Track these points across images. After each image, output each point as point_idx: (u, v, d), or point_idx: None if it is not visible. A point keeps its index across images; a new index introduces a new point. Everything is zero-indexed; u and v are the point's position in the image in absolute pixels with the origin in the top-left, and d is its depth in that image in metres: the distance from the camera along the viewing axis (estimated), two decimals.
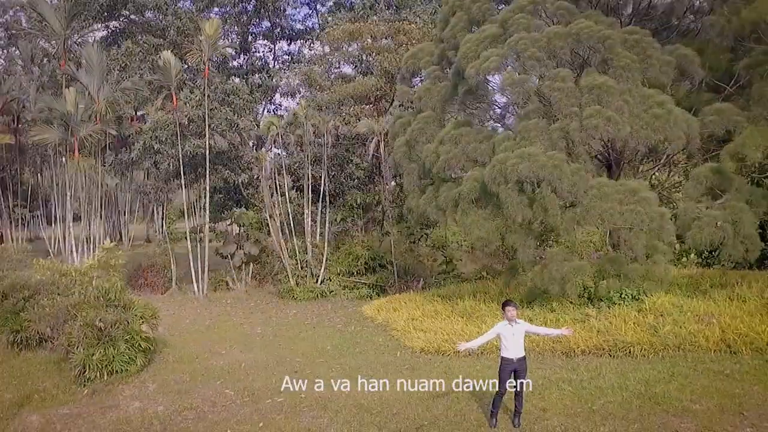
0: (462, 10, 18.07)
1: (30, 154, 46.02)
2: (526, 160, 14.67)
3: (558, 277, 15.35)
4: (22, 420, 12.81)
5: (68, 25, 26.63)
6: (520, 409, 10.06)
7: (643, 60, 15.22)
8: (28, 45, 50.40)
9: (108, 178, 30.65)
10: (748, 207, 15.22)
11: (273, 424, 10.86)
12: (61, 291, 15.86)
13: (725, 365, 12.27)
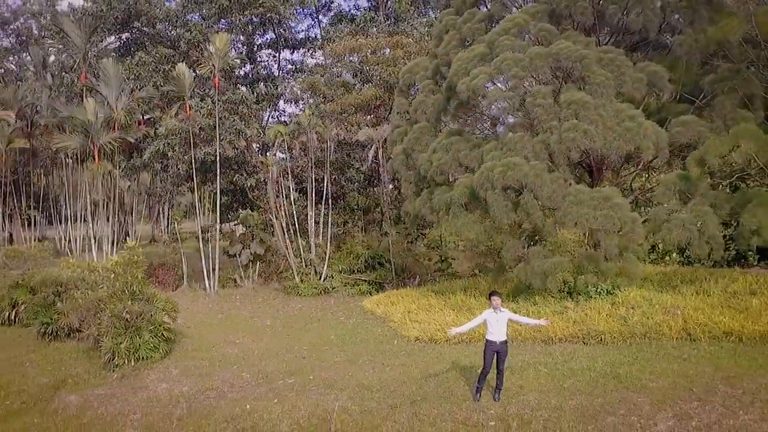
0: (454, 29, 19.60)
1: (41, 157, 47.51)
2: (510, 169, 16.22)
3: (540, 273, 16.86)
4: (62, 399, 14.37)
5: (88, 40, 28.11)
6: (501, 385, 11.61)
7: (617, 77, 16.71)
8: (39, 51, 51.96)
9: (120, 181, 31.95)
10: (712, 210, 16.74)
11: (286, 400, 12.39)
12: (90, 286, 17.33)
13: (684, 351, 13.81)
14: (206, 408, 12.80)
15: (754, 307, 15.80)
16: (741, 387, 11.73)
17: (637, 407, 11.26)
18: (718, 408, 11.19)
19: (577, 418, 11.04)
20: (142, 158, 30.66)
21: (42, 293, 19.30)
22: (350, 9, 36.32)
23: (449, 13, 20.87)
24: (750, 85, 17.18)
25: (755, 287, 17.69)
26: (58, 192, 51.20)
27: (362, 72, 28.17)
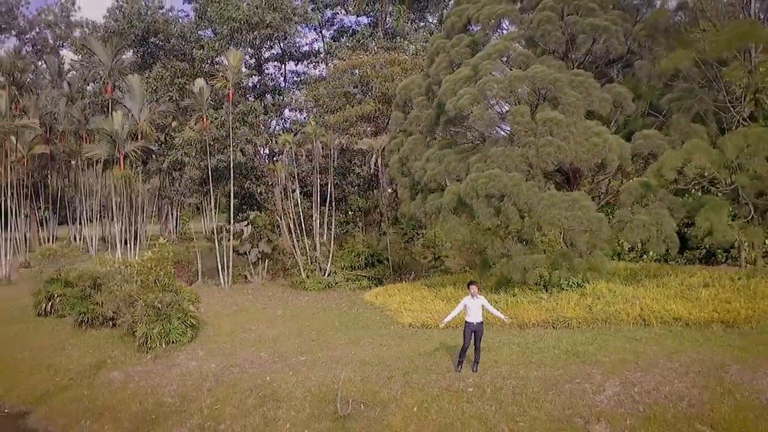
0: (444, 52, 21.84)
1: (58, 162, 49.75)
2: (492, 180, 18.47)
3: (520, 268, 19.11)
4: (106, 375, 16.65)
5: (114, 58, 30.31)
6: (478, 360, 13.88)
7: (586, 97, 18.95)
8: (55, 61, 54.25)
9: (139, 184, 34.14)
10: (668, 213, 19.01)
11: (299, 373, 14.65)
12: (125, 279, 19.56)
13: (637, 333, 16.07)
14: (231, 380, 15.07)
15: (703, 297, 18.09)
16: (679, 361, 13.99)
17: (591, 377, 13.53)
18: (657, 377, 13.46)
19: (541, 385, 13.30)
20: (157, 163, 32.88)
21: (79, 286, 21.54)
22: (351, 24, 38.26)
23: (440, 36, 23.18)
24: (702, 102, 19.47)
25: (709, 281, 20.00)
26: (72, 194, 53.43)
27: (363, 84, 30.31)
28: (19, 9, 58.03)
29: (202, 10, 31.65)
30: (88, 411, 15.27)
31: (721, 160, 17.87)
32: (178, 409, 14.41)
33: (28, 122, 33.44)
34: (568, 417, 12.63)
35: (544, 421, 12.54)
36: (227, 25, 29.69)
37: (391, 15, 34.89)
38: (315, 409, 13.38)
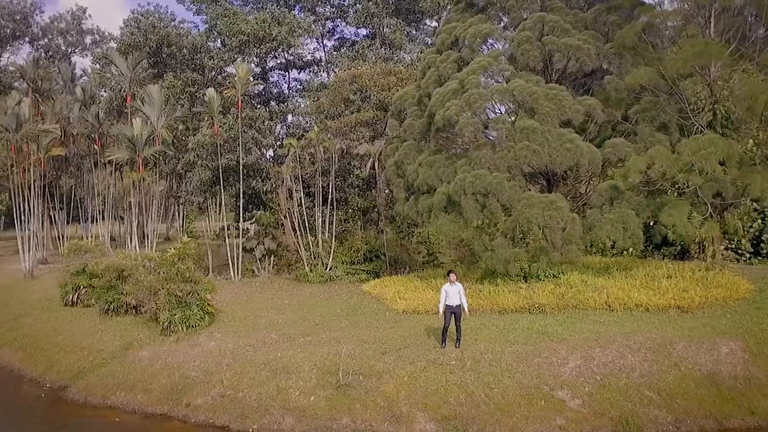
0: (434, 67, 23.87)
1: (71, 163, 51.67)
2: (478, 179, 20.53)
3: (503, 260, 21.15)
4: (135, 354, 18.71)
5: (134, 70, 32.31)
6: (460, 337, 15.95)
7: (560, 108, 21.01)
8: (68, 67, 56.18)
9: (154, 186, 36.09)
10: (634, 213, 21.05)
11: (306, 350, 16.71)
12: (149, 271, 21.60)
13: (601, 317, 18.13)
14: (247, 357, 17.12)
15: (664, 287, 20.14)
16: (634, 339, 16.07)
17: (557, 352, 15.60)
18: (613, 352, 15.55)
19: (514, 359, 15.37)
20: (170, 165, 34.88)
21: (106, 278, 23.57)
22: (351, 35, 40.29)
23: (431, 52, 25.22)
24: (665, 113, 21.54)
25: (672, 273, 22.02)
26: (83, 194, 55.38)
27: (362, 92, 32.27)
28: (33, 17, 60.03)
29: (212, 23, 33.64)
30: (122, 384, 17.32)
31: (680, 164, 19.96)
32: (201, 381, 16.47)
33: (50, 127, 35.41)
34: (536, 385, 14.70)
35: (515, 389, 14.62)
36: (236, 38, 31.70)
37: (389, 27, 36.91)
38: (320, 379, 15.44)
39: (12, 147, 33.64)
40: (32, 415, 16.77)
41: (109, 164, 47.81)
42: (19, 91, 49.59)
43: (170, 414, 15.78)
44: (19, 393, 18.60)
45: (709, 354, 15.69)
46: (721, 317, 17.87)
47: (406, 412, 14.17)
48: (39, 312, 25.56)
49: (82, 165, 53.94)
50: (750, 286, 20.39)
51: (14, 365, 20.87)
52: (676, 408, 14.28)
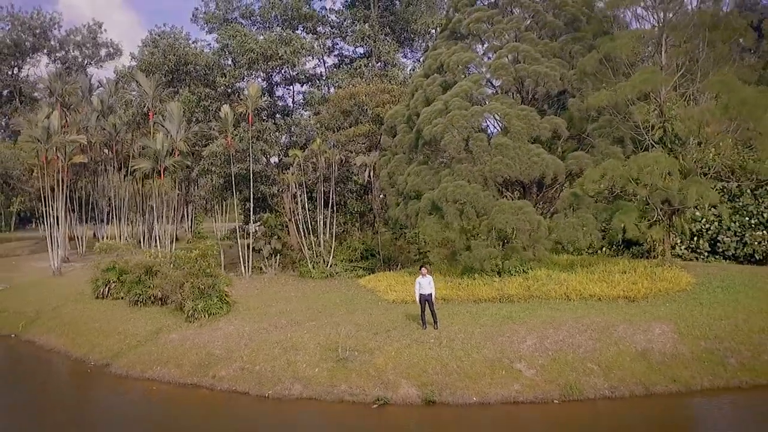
0: (422, 89, 26.93)
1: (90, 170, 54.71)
2: (458, 189, 23.60)
3: (479, 258, 24.22)
4: (166, 337, 21.76)
5: (155, 88, 35.28)
6: (436, 320, 19.04)
7: (529, 126, 24.09)
8: (85, 78, 59.18)
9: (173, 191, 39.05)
10: (593, 217, 24.11)
11: (311, 332, 19.78)
12: (175, 267, 24.66)
13: (559, 305, 21.16)
14: (261, 338, 20.18)
15: (616, 280, 23.18)
16: (582, 322, 19.14)
17: (518, 332, 18.67)
18: (564, 333, 18.61)
19: (482, 338, 18.43)
20: (185, 172, 37.85)
21: (135, 273, 26.62)
22: (349, 53, 43.30)
23: (419, 75, 28.32)
24: (619, 130, 24.59)
25: (627, 269, 25.01)
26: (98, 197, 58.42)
27: (359, 107, 35.27)
28: (51, 31, 63.08)
29: (224, 43, 36.64)
30: (157, 361, 20.37)
31: (629, 177, 23.02)
32: (224, 357, 19.52)
33: (77, 138, 38.42)
34: (498, 358, 17.77)
35: (482, 361, 17.68)
36: (246, 56, 34.72)
37: (384, 46, 39.92)
38: (323, 354, 18.51)
39: (43, 156, 36.61)
40: (84, 385, 19.85)
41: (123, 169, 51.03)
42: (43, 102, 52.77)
43: (199, 384, 18.83)
44: (69, 369, 21.69)
45: (644, 334, 18.75)
46: (660, 305, 20.93)
47: (392, 380, 17.24)
48: (74, 304, 28.57)
49: (98, 170, 57.04)
50: (692, 279, 23.49)
51: (60, 348, 23.92)
52: (612, 377, 17.32)
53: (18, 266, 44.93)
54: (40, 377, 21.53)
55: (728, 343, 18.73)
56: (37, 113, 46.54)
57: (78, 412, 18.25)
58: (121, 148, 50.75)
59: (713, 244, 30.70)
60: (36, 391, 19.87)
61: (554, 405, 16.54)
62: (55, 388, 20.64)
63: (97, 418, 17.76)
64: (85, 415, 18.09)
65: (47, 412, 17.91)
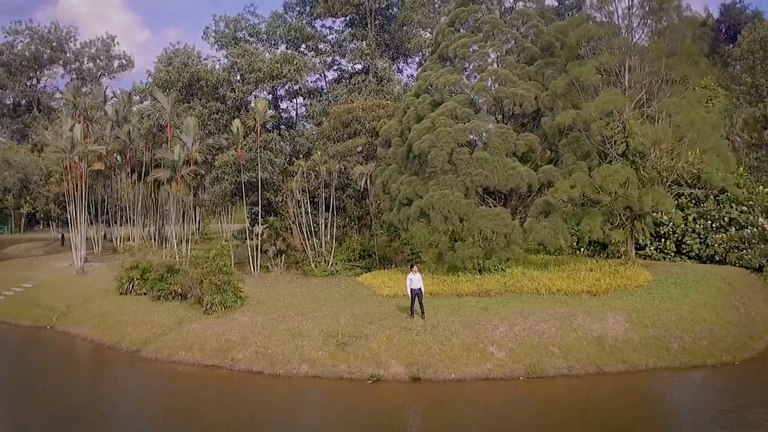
0: (413, 107, 29.79)
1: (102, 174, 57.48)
2: (443, 198, 26.47)
3: (462, 258, 27.10)
4: (188, 327, 24.60)
5: (173, 105, 38.10)
6: (423, 311, 21.90)
7: (506, 143, 26.95)
8: (100, 90, 62.06)
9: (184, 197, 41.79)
10: (563, 221, 26.97)
11: (315, 321, 22.64)
12: (195, 266, 27.51)
13: (530, 299, 24.00)
14: (272, 326, 23.03)
15: (582, 277, 26.04)
16: (547, 313, 22.01)
17: (492, 321, 21.55)
18: (531, 322, 21.48)
19: (461, 325, 21.28)
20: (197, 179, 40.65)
21: (158, 271, 29.46)
22: (348, 68, 46.19)
23: (410, 95, 31.18)
24: (586, 145, 27.42)
25: (594, 267, 27.86)
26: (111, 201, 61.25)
27: (357, 120, 38.08)
28: (68, 44, 65.96)
29: (233, 61, 39.49)
30: (182, 346, 23.23)
31: (593, 186, 25.90)
32: (241, 343, 22.39)
33: (98, 148, 41.23)
34: (474, 343, 20.64)
35: (460, 346, 20.55)
36: (254, 75, 37.59)
37: (381, 61, 42.80)
38: (325, 340, 21.39)
39: (67, 164, 39.44)
40: (121, 367, 22.72)
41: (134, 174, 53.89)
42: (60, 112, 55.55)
43: (219, 365, 21.71)
44: (104, 354, 24.56)
45: (600, 323, 21.64)
46: (617, 299, 23.82)
47: (384, 361, 20.13)
48: (101, 299, 31.40)
49: (111, 176, 59.86)
50: (649, 276, 26.39)
51: (93, 337, 26.78)
52: (570, 358, 20.21)
53: (39, 266, 47.57)
54: (81, 361, 24.46)
55: (673, 330, 21.65)
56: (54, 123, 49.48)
57: (122, 385, 21.32)
58: (134, 155, 53.54)
59: (679, 245, 33.56)
60: (82, 372, 22.87)
61: (520, 381, 19.45)
62: (97, 369, 23.56)
63: (138, 391, 20.71)
64: (128, 388, 21.07)
65: (97, 385, 20.84)
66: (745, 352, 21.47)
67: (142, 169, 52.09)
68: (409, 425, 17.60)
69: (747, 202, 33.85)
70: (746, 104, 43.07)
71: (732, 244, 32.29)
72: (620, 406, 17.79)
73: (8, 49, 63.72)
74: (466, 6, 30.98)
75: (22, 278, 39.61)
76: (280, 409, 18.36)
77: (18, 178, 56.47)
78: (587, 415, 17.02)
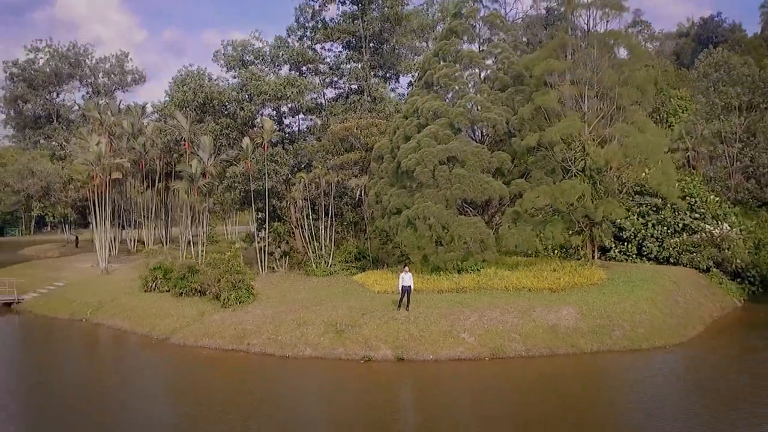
0: (402, 128, 33.62)
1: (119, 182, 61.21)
2: (427, 209, 30.30)
3: (444, 260, 30.93)
4: (209, 318, 28.41)
5: (191, 124, 41.84)
6: (408, 304, 25.70)
7: (480, 161, 30.78)
8: (115, 103, 65.74)
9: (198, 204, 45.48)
10: (530, 228, 30.80)
11: (317, 313, 26.44)
12: (213, 266, 31.30)
13: (498, 294, 27.77)
14: (281, 317, 26.83)
15: (545, 276, 29.86)
16: (511, 306, 25.86)
17: (464, 313, 25.36)
18: (497, 313, 25.31)
19: (439, 316, 25.08)
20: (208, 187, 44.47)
21: (180, 271, 33.24)
22: (345, 87, 50.01)
23: (400, 116, 35.01)
24: (550, 162, 31.28)
25: (557, 268, 31.62)
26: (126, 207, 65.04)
27: (353, 137, 41.86)
28: (85, 60, 69.64)
29: (243, 83, 43.31)
30: (205, 334, 27.01)
31: (555, 197, 29.76)
32: (255, 331, 26.18)
33: (121, 161, 45.01)
34: (449, 330, 24.45)
35: (438, 333, 24.36)
36: (261, 97, 41.43)
37: (374, 83, 46.63)
38: (326, 328, 25.20)
39: (94, 176, 43.20)
40: (154, 351, 26.52)
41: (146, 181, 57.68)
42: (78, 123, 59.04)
43: (237, 349, 25.51)
44: (139, 342, 28.35)
45: (554, 314, 25.48)
46: (573, 294, 27.64)
47: (375, 344, 23.96)
48: (128, 296, 35.13)
49: (125, 183, 63.61)
50: (603, 276, 30.23)
51: (126, 327, 30.54)
52: (528, 343, 24.04)
53: (63, 267, 51.21)
54: (121, 345, 28.25)
55: (616, 320, 25.51)
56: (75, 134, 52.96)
57: (158, 365, 25.06)
58: (146, 164, 57.24)
59: (640, 248, 37.39)
60: (124, 353, 26.67)
61: (486, 361, 23.29)
62: (135, 352, 27.34)
63: (172, 369, 24.49)
64: (164, 367, 24.88)
65: (140, 364, 24.63)
66: (677, 338, 25.36)
67: (156, 177, 55.91)
68: (394, 393, 21.45)
69: (699, 210, 37.75)
70: (704, 120, 46.97)
71: (684, 248, 36.10)
72: (567, 380, 21.62)
73: (30, 66, 67.45)
74: (449, 39, 34.88)
75: (52, 278, 43.28)
76: (290, 383, 22.21)
77: (41, 185, 59.97)
78: (539, 387, 20.91)
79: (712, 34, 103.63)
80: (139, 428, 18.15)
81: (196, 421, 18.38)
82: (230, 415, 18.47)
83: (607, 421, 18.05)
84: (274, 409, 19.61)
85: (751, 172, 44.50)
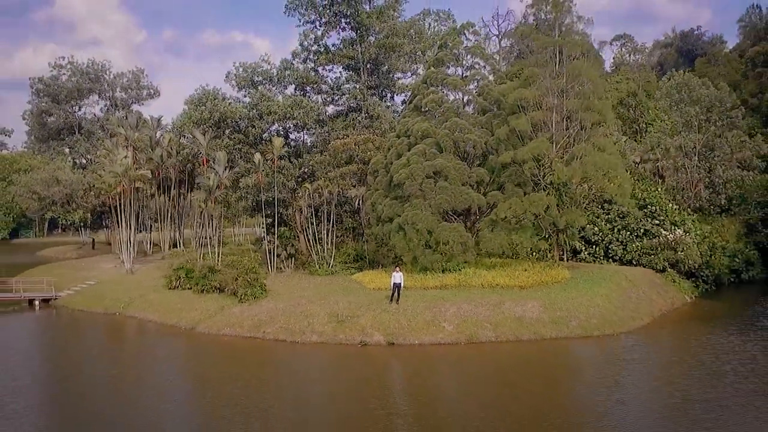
0: (394, 147, 37.86)
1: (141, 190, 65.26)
2: (416, 216, 34.51)
3: (430, 261, 35.12)
4: (229, 311, 32.60)
5: (208, 141, 46.03)
6: (399, 299, 29.90)
7: (461, 175, 35.00)
8: (133, 116, 69.89)
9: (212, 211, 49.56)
10: (505, 234, 34.97)
11: (321, 306, 30.61)
12: (231, 266, 35.47)
13: (474, 291, 31.92)
14: (290, 310, 30.99)
15: (517, 275, 33.99)
16: (485, 300, 30.07)
17: (445, 306, 29.52)
18: (473, 306, 29.49)
19: (423, 308, 29.26)
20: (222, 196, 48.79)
21: (201, 271, 37.41)
22: (345, 105, 54.34)
23: (393, 135, 39.25)
24: (522, 177, 35.52)
25: (528, 268, 35.76)
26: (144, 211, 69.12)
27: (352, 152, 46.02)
28: (103, 75, 73.84)
29: (254, 103, 47.57)
30: (227, 324, 31.19)
31: (524, 208, 33.98)
32: (269, 321, 30.35)
33: (145, 172, 49.20)
34: (432, 320, 28.62)
35: (422, 321, 28.55)
36: (270, 117, 45.70)
37: (371, 102, 50.88)
38: (329, 318, 29.38)
39: (119, 185, 47.40)
40: (182, 338, 30.74)
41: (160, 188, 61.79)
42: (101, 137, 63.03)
43: (254, 336, 29.68)
44: (168, 331, 32.54)
45: (521, 307, 29.67)
46: (539, 291, 31.81)
47: (370, 332, 28.16)
48: (154, 293, 39.24)
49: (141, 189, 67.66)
50: (567, 275, 34.40)
51: (156, 319, 34.69)
52: (498, 331, 28.23)
53: (90, 267, 55.08)
54: (153, 334, 32.45)
55: (573, 312, 29.69)
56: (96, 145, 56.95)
57: (188, 349, 29.26)
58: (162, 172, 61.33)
59: (607, 251, 41.61)
60: (157, 341, 30.84)
61: (462, 345, 27.47)
62: (166, 339, 31.50)
63: (202, 350, 28.71)
64: (193, 350, 29.06)
65: (172, 348, 28.84)
66: (624, 328, 29.54)
67: (171, 184, 60.03)
68: (385, 370, 25.68)
69: (659, 217, 42.00)
70: (667, 136, 51.25)
71: (644, 251, 40.35)
72: (529, 359, 25.81)
73: (54, 82, 71.60)
74: (436, 68, 39.18)
75: (83, 278, 47.32)
76: (299, 362, 26.41)
77: (65, 192, 63.96)
78: (505, 364, 25.18)
79: (692, 46, 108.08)
80: (185, 389, 22.40)
81: (224, 384, 22.61)
82: (251, 381, 22.73)
83: (556, 381, 22.33)
84: (287, 378, 23.84)
85: (708, 182, 48.81)
